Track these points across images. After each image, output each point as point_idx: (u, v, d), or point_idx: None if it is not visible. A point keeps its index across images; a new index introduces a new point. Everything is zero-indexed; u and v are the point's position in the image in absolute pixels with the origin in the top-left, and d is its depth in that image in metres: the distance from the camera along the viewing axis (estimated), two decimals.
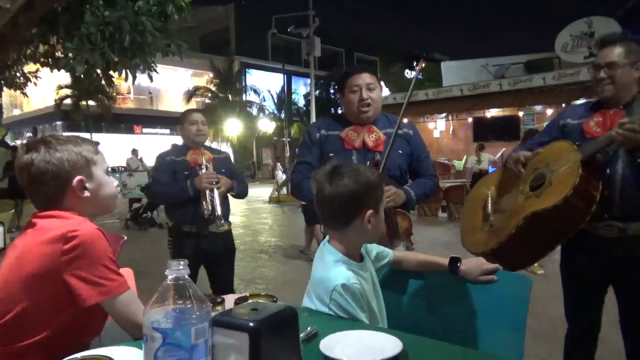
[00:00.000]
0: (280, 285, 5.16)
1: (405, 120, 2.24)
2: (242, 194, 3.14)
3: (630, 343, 2.02)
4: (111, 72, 5.04)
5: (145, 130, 24.96)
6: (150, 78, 5.01)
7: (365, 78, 2.20)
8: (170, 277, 0.82)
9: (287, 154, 19.14)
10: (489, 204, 2.18)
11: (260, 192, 15.89)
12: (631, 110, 1.90)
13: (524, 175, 2.09)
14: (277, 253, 6.97)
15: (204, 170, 2.91)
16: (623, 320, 2.03)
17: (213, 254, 3.02)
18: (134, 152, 12.65)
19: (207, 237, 2.94)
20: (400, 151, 2.21)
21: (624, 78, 1.93)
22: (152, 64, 4.99)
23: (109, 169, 1.41)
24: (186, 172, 2.93)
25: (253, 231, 9.15)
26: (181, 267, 0.81)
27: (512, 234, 1.90)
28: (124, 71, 4.86)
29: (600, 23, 11.21)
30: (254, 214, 11.71)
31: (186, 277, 0.82)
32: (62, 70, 5.06)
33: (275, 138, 24.31)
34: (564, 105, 8.80)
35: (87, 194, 1.32)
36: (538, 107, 11.37)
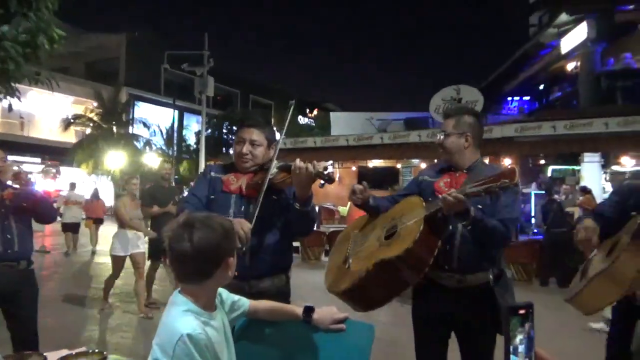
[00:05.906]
0: (150, 332, 4.88)
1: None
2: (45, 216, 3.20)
3: None
4: None
5: (12, 158, 22.39)
6: (10, 107, 4.60)
7: (252, 134, 2.31)
8: None
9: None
10: (350, 246, 2.31)
11: None
12: (470, 177, 2.18)
13: (382, 223, 2.26)
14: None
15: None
16: None
17: (9, 294, 2.92)
18: None
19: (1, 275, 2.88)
20: (274, 197, 2.25)
21: (451, 145, 2.28)
22: (16, 91, 4.59)
23: None
24: None
25: (127, 274, 8.53)
26: None
27: (362, 277, 2.00)
28: None
29: (466, 91, 12.76)
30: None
31: None
32: None
33: None
34: (436, 160, 9.69)
35: None
36: (415, 161, 12.39)
